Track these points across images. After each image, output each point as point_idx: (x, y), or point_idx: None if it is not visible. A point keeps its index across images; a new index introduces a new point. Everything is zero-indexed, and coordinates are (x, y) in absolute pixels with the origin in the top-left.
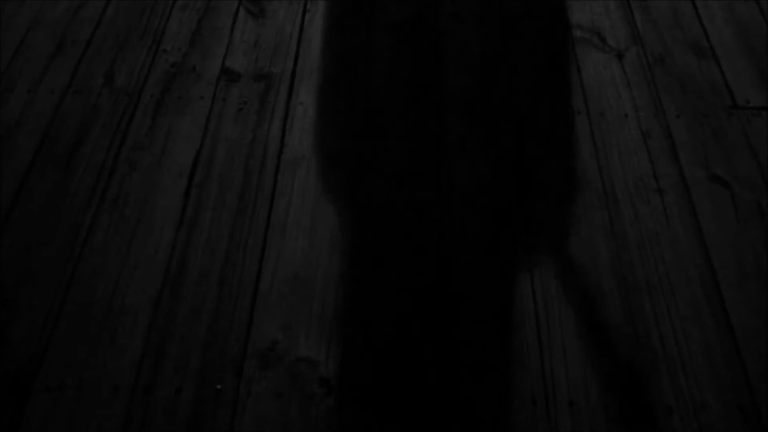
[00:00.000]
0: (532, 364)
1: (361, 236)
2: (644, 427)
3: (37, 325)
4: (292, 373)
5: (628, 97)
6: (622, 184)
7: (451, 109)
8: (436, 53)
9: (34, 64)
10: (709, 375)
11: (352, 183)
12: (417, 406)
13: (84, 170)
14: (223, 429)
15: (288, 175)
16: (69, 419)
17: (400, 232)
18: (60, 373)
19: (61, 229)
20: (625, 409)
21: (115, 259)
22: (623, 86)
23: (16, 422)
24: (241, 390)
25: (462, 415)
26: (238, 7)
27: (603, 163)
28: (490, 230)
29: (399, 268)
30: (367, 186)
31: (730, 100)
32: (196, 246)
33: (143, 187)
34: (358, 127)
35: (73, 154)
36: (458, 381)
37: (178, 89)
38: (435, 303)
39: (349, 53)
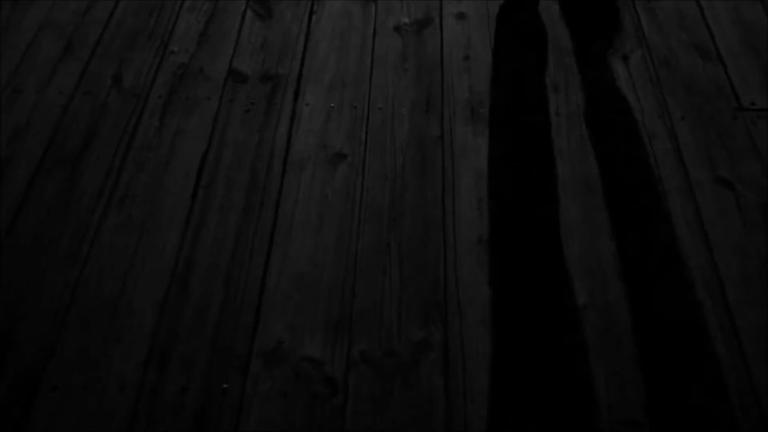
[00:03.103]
0: None
1: (364, 235)
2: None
3: (44, 324)
4: (298, 372)
5: (633, 99)
6: (626, 186)
7: (455, 110)
8: (441, 54)
9: (42, 65)
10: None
11: (356, 183)
12: (419, 405)
13: (92, 171)
14: (229, 428)
15: (294, 176)
16: (76, 418)
17: (404, 230)
18: (67, 372)
19: (68, 229)
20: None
21: (123, 259)
22: (628, 88)
23: (24, 420)
24: (247, 389)
25: None
26: (245, 8)
27: (608, 165)
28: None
29: (402, 265)
30: (371, 186)
31: (735, 101)
32: (203, 246)
33: (151, 188)
34: (364, 129)
35: (81, 155)
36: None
37: (186, 90)
38: (437, 297)
39: (356, 55)
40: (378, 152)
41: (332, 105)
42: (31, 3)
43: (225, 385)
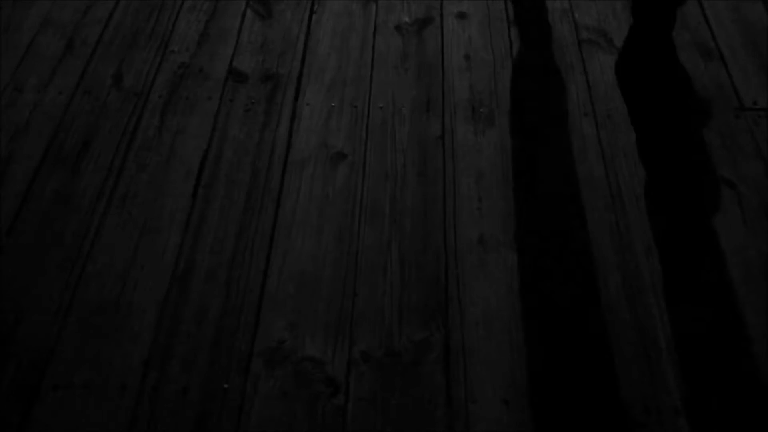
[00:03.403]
0: None
1: (365, 234)
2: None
3: (45, 324)
4: (298, 372)
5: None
6: (629, 185)
7: (456, 110)
8: (442, 54)
9: (43, 64)
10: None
11: (357, 183)
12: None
13: (92, 170)
14: (229, 428)
15: (295, 175)
16: (76, 418)
17: (405, 229)
18: (68, 372)
19: (69, 229)
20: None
21: (123, 258)
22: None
23: (25, 420)
24: (247, 389)
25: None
26: (245, 8)
27: (610, 165)
28: (493, 229)
29: (403, 264)
30: (371, 186)
31: (736, 101)
32: (203, 246)
33: (151, 187)
34: (364, 128)
35: (82, 154)
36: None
37: (186, 90)
38: (438, 297)
39: (356, 54)
40: (378, 152)
41: (333, 104)
42: (31, 3)
43: (226, 385)
